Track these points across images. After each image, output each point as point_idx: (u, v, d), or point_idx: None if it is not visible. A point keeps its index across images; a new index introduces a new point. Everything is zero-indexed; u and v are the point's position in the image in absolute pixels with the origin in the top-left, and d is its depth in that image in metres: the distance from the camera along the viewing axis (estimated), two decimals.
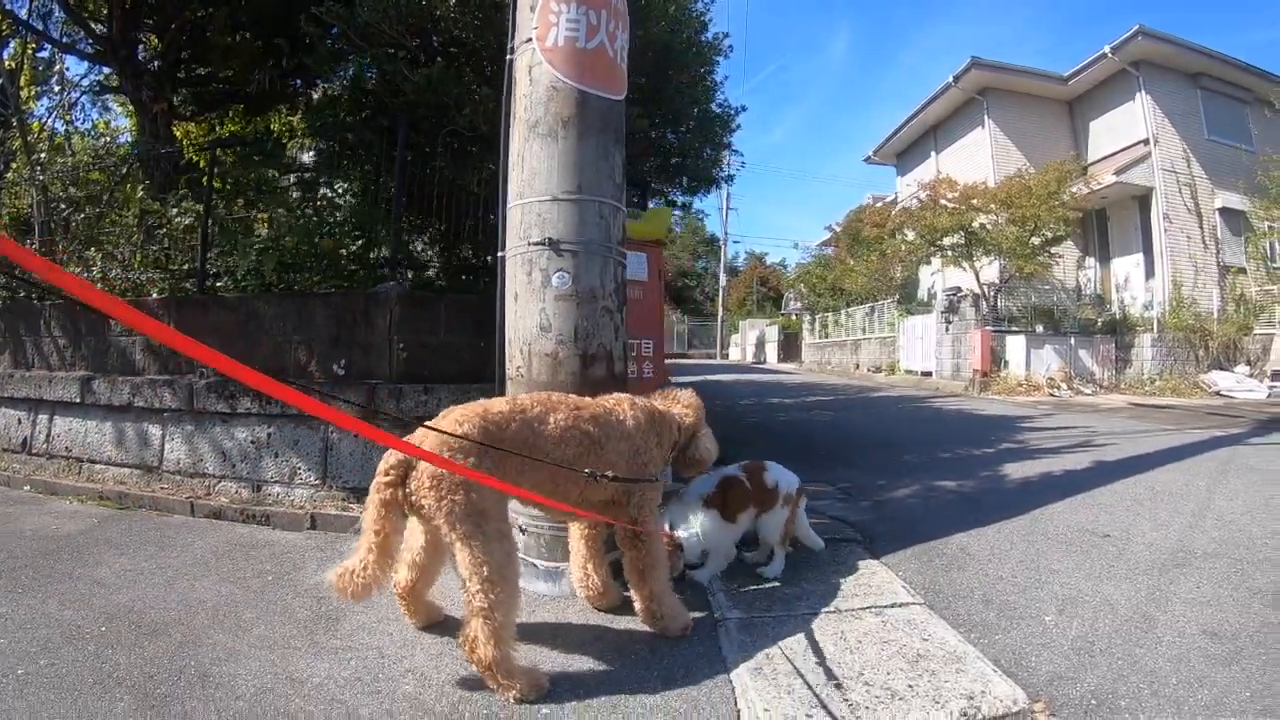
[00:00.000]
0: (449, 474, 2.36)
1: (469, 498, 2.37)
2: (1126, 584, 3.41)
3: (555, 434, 2.63)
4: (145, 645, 2.81)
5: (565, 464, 2.62)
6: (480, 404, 2.59)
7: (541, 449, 2.58)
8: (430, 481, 2.38)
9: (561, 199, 3.25)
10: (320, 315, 5.45)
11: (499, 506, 2.49)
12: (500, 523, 2.48)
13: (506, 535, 2.49)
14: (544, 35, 3.29)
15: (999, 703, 2.33)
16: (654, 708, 2.38)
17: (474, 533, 2.37)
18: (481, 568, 2.36)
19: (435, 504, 2.37)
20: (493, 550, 2.39)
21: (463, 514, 2.37)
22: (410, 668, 2.65)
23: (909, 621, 2.97)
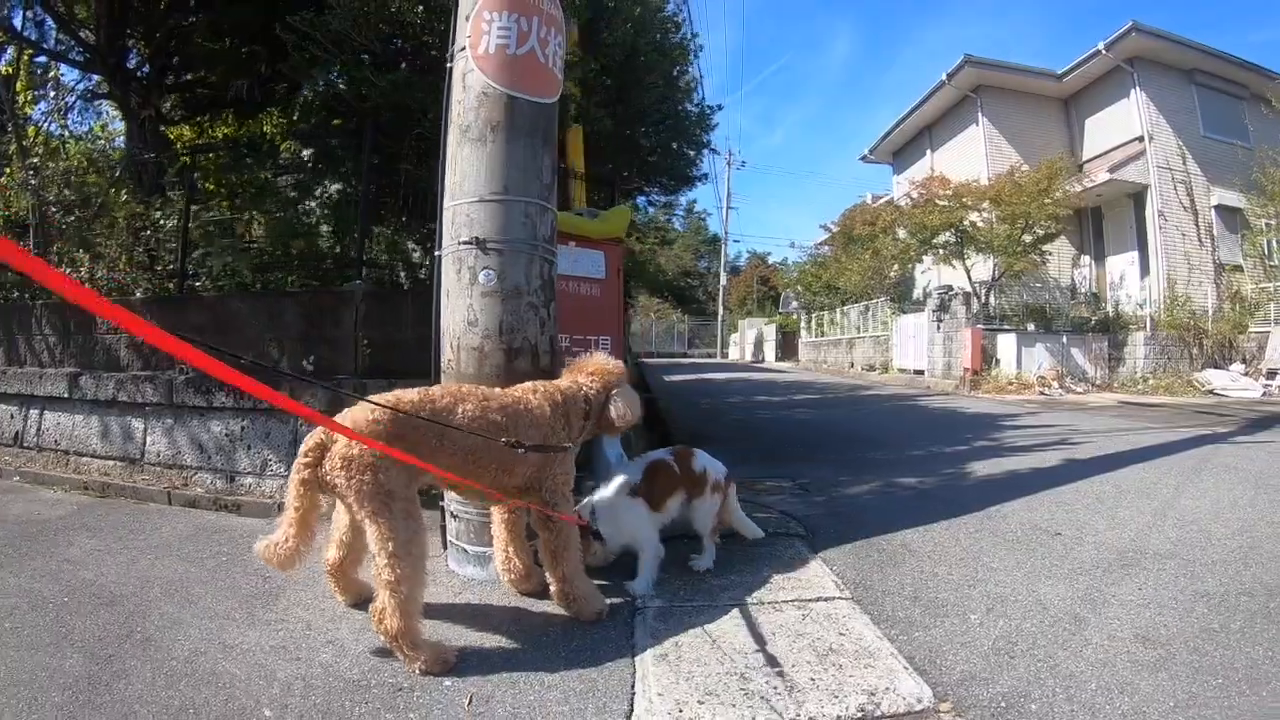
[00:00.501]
0: (358, 455, 2.45)
1: (376, 478, 2.47)
2: (1064, 584, 3.35)
3: (464, 423, 2.71)
4: (100, 613, 3.03)
5: (474, 453, 2.71)
6: (394, 394, 2.68)
7: (451, 437, 2.66)
8: (341, 462, 2.47)
9: (488, 200, 3.32)
10: (291, 313, 5.54)
11: (407, 488, 2.57)
12: (407, 503, 2.55)
13: (413, 515, 2.57)
14: (476, 43, 3.35)
15: (901, 700, 2.32)
16: (550, 686, 2.42)
17: (381, 510, 2.47)
18: (387, 543, 2.45)
19: (345, 483, 2.47)
20: (398, 527, 2.48)
21: (370, 493, 2.46)
22: (332, 639, 2.79)
23: (830, 616, 2.97)
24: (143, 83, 7.95)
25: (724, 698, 2.32)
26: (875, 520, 4.45)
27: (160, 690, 2.39)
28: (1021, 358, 15.69)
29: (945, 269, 19.91)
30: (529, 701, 2.33)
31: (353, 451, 2.46)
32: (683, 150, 8.02)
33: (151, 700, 2.33)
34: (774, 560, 3.64)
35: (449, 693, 2.38)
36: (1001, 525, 4.34)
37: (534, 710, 2.29)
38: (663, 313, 49.74)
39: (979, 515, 4.56)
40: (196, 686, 2.42)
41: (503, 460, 2.78)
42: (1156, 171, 18.33)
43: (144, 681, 2.45)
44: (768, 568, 3.52)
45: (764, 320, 39.98)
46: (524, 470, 2.87)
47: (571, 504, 3.05)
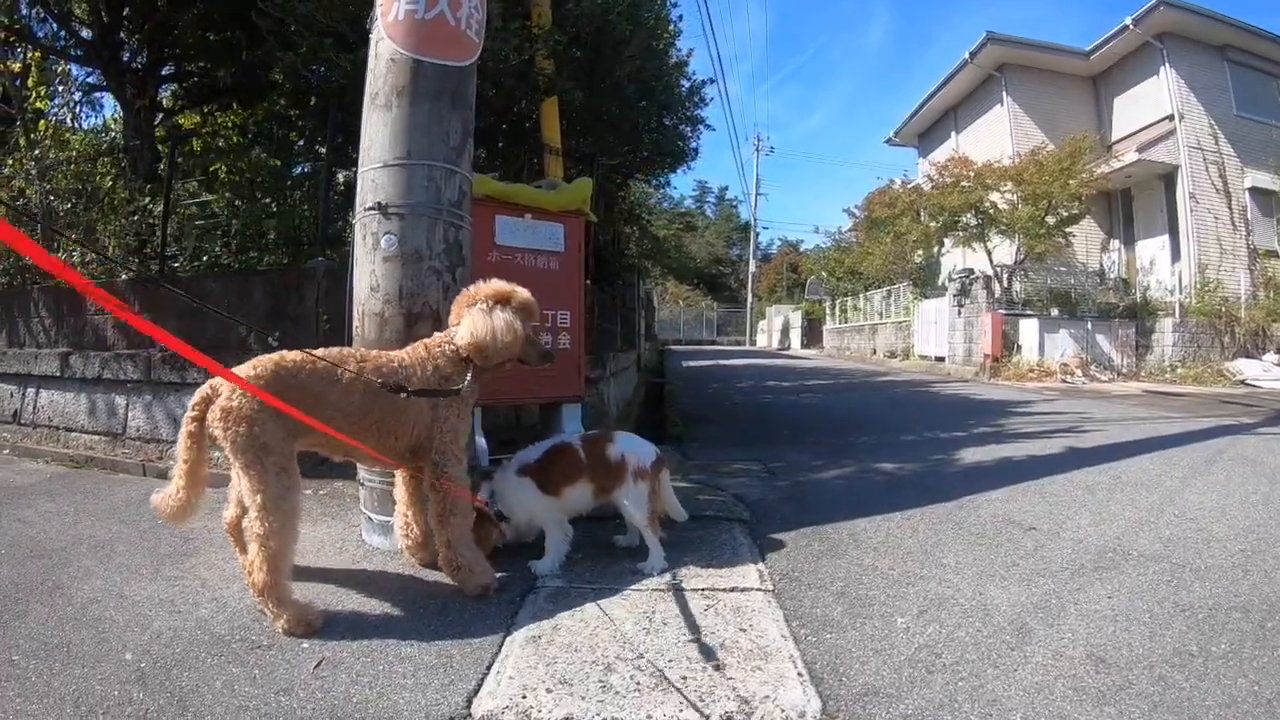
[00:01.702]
0: (236, 408, 2.45)
1: (251, 430, 2.45)
2: (1020, 586, 2.92)
3: (344, 383, 2.66)
4: (27, 565, 3.18)
5: (353, 413, 2.66)
6: (279, 354, 2.64)
7: (329, 397, 2.62)
8: (220, 413, 2.47)
9: (391, 165, 3.22)
10: (259, 291, 5.53)
11: (283, 444, 2.54)
12: (282, 458, 2.52)
13: (287, 471, 2.54)
14: (387, 11, 3.25)
15: (779, 712, 2.01)
16: (406, 658, 2.32)
17: (253, 463, 2.46)
18: (257, 496, 2.45)
19: (222, 434, 2.47)
20: (269, 481, 2.46)
21: (244, 444, 2.45)
22: (217, 596, 2.82)
23: (738, 609, 2.69)
24: (138, 74, 7.99)
25: (576, 689, 2.10)
26: (833, 507, 4.15)
27: (49, 630, 2.49)
28: (1044, 344, 15.11)
29: (968, 252, 19.31)
30: (376, 671, 2.23)
31: (231, 404, 2.46)
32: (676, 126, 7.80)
33: (35, 638, 2.43)
34: (704, 545, 3.38)
35: (303, 654, 2.33)
36: (971, 516, 3.96)
37: (378, 680, 2.19)
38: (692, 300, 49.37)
39: (950, 505, 4.19)
40: (78, 629, 2.50)
41: (383, 421, 2.73)
42: (1187, 152, 17.47)
43: (38, 622, 2.56)
44: (693, 553, 3.25)
45: (791, 307, 39.52)
46: (408, 430, 2.79)
47: (464, 464, 2.91)
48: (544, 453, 3.17)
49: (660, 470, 3.17)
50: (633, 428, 6.47)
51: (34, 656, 2.29)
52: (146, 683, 2.14)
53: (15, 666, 2.23)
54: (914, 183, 21.27)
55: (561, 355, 4.38)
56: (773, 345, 38.93)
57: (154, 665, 2.25)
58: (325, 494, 4.34)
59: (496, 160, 6.47)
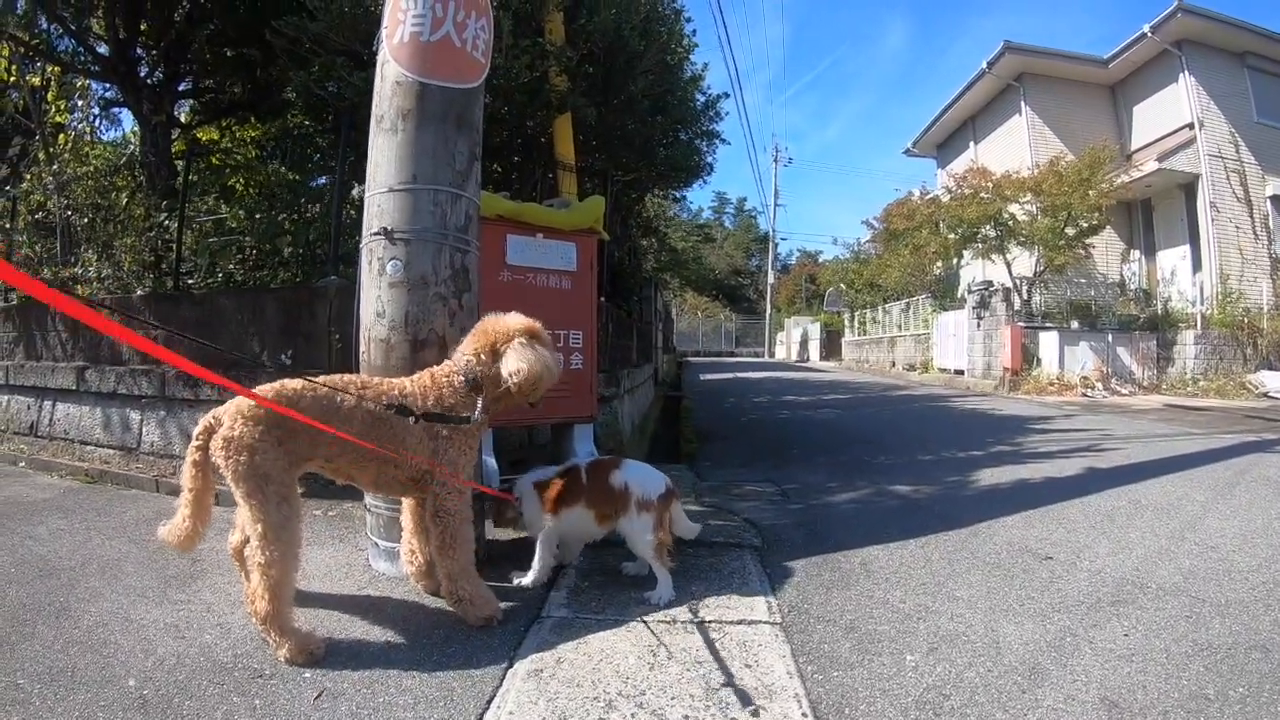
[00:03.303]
0: (237, 437, 2.45)
1: (253, 459, 2.46)
2: (1034, 623, 2.82)
3: (345, 411, 2.66)
4: (36, 584, 3.22)
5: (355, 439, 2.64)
6: (279, 383, 2.65)
7: (332, 424, 2.60)
8: (222, 442, 2.47)
9: (397, 189, 3.22)
10: (272, 309, 5.54)
11: (284, 473, 2.55)
12: (283, 487, 2.53)
13: (288, 499, 2.54)
14: (393, 33, 3.25)
15: None
16: (406, 689, 2.31)
17: (254, 492, 2.46)
18: (258, 525, 2.46)
19: (224, 462, 2.47)
20: (270, 510, 2.46)
21: (245, 473, 2.45)
22: (221, 622, 2.83)
23: (745, 643, 2.64)
24: (154, 90, 8.08)
25: None
26: (846, 533, 4.08)
27: (54, 654, 2.52)
28: (1064, 357, 14.94)
29: (988, 265, 19.14)
30: (377, 703, 2.22)
31: (233, 433, 2.46)
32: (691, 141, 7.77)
33: (41, 661, 2.46)
34: (713, 574, 3.32)
35: (304, 685, 2.33)
36: (986, 545, 3.87)
37: (377, 713, 2.18)
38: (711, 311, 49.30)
39: (965, 532, 4.10)
40: (83, 654, 2.52)
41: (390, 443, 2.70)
42: (1207, 160, 17.24)
43: (44, 645, 2.59)
44: (701, 582, 3.21)
45: (810, 319, 39.39)
46: (407, 460, 2.75)
47: (465, 495, 2.86)
48: (556, 473, 3.21)
49: (669, 502, 3.10)
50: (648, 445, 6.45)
51: (39, 680, 2.31)
52: (149, 711, 2.14)
53: (20, 691, 2.25)
54: (932, 194, 21.08)
55: (574, 375, 4.36)
56: (791, 357, 38.83)
57: (156, 693, 2.25)
58: (334, 515, 4.33)
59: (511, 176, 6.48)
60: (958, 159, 24.30)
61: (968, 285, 18.61)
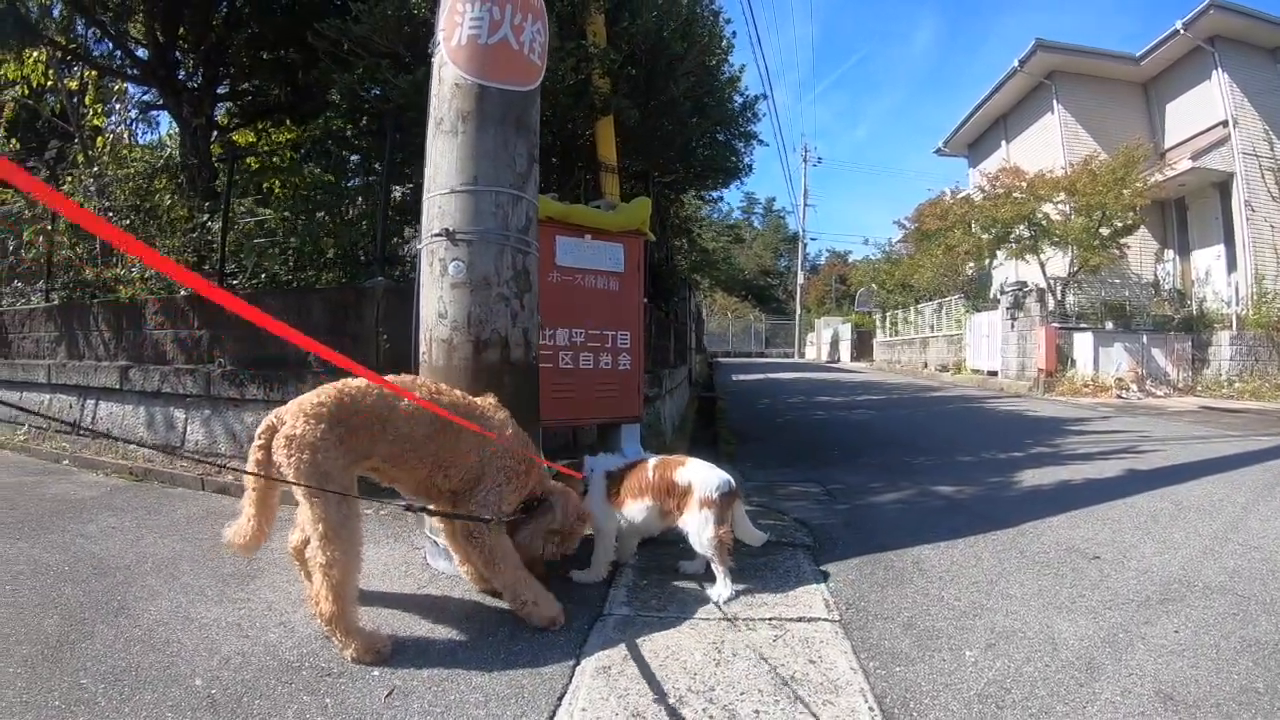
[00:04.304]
0: (299, 436, 2.48)
1: (314, 458, 2.48)
2: (1087, 619, 2.88)
3: (405, 411, 2.70)
4: (91, 582, 3.23)
5: (414, 444, 2.71)
6: (337, 384, 2.70)
7: (394, 424, 2.67)
8: (284, 440, 2.50)
9: (458, 191, 3.27)
10: (318, 309, 5.64)
11: (344, 472, 2.57)
12: (342, 486, 2.56)
13: (348, 501, 2.57)
14: (450, 36, 3.32)
15: None
16: (476, 687, 2.34)
17: (315, 491, 2.48)
18: (318, 524, 2.48)
19: (285, 461, 2.49)
20: (331, 510, 2.49)
21: (307, 472, 2.47)
22: (284, 620, 2.85)
23: (807, 640, 2.69)
24: (194, 93, 8.21)
25: None
26: (895, 532, 4.13)
27: (116, 653, 2.51)
28: (1099, 358, 14.88)
29: (1020, 265, 19.06)
30: (448, 701, 2.25)
31: (294, 432, 2.49)
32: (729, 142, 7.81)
33: (104, 660, 2.46)
34: (768, 572, 3.38)
35: (373, 683, 2.35)
36: (1034, 544, 3.92)
37: (450, 710, 2.20)
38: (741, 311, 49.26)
39: (1012, 531, 4.15)
40: (146, 653, 2.52)
41: (439, 456, 2.76)
42: (1242, 159, 17.09)
43: (105, 644, 2.58)
44: (758, 580, 3.26)
45: (841, 319, 39.37)
46: (460, 472, 2.82)
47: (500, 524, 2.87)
48: (623, 465, 3.31)
49: (731, 501, 3.15)
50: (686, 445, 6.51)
51: (103, 680, 2.31)
52: (218, 710, 2.16)
53: (84, 691, 2.25)
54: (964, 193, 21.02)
55: (621, 376, 4.45)
56: (822, 358, 38.72)
57: (224, 693, 2.26)
58: (385, 514, 4.39)
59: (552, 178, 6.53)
60: (989, 158, 24.22)
61: (1000, 286, 18.55)
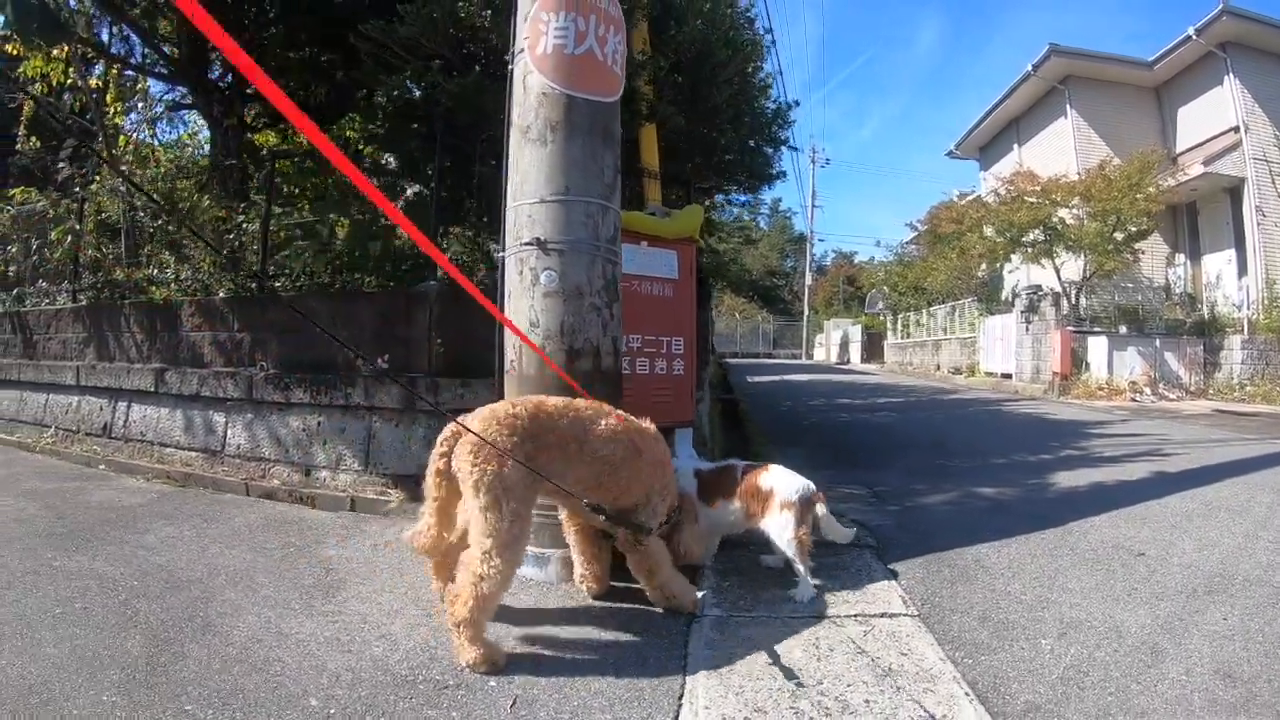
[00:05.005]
0: (488, 449, 2.51)
1: (500, 471, 2.51)
2: (1144, 609, 3.14)
3: (603, 434, 2.78)
4: (166, 598, 3.18)
5: (611, 464, 2.80)
6: (537, 398, 2.78)
7: (591, 446, 2.74)
8: (471, 448, 2.53)
9: (549, 200, 3.34)
10: (365, 312, 5.68)
11: (526, 490, 2.60)
12: (521, 505, 2.58)
13: (522, 517, 2.59)
14: (534, 44, 3.38)
15: None
16: (597, 692, 2.41)
17: (495, 505, 2.50)
18: (488, 539, 2.49)
19: (469, 469, 2.51)
20: (504, 527, 2.51)
21: (490, 483, 2.50)
22: (385, 633, 2.85)
23: (893, 634, 2.87)
24: (224, 93, 8.28)
25: (772, 716, 2.26)
26: (949, 533, 4.32)
27: (213, 675, 2.47)
28: (1113, 361, 15.13)
29: (1034, 268, 19.32)
30: (574, 707, 2.31)
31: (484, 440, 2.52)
32: (760, 148, 7.94)
33: (203, 683, 2.41)
34: (841, 572, 3.56)
35: (493, 693, 2.38)
36: (1081, 542, 4.14)
37: (577, 716, 2.27)
38: (748, 313, 49.44)
39: (1059, 531, 4.37)
40: (248, 673, 2.49)
41: (626, 480, 2.87)
42: (1253, 164, 17.39)
43: (199, 665, 2.54)
44: (834, 579, 3.44)
45: (850, 321, 39.73)
46: (642, 489, 2.95)
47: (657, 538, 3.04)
48: (714, 468, 3.54)
49: (811, 505, 3.34)
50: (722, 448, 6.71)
51: (208, 705, 2.27)
52: None
53: (190, 717, 2.21)
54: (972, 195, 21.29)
55: (675, 381, 4.57)
56: (831, 359, 39.08)
57: (343, 711, 2.26)
58: None
59: None
60: (1001, 161, 24.54)
61: (1012, 289, 18.82)
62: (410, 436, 5.19)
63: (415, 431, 5.18)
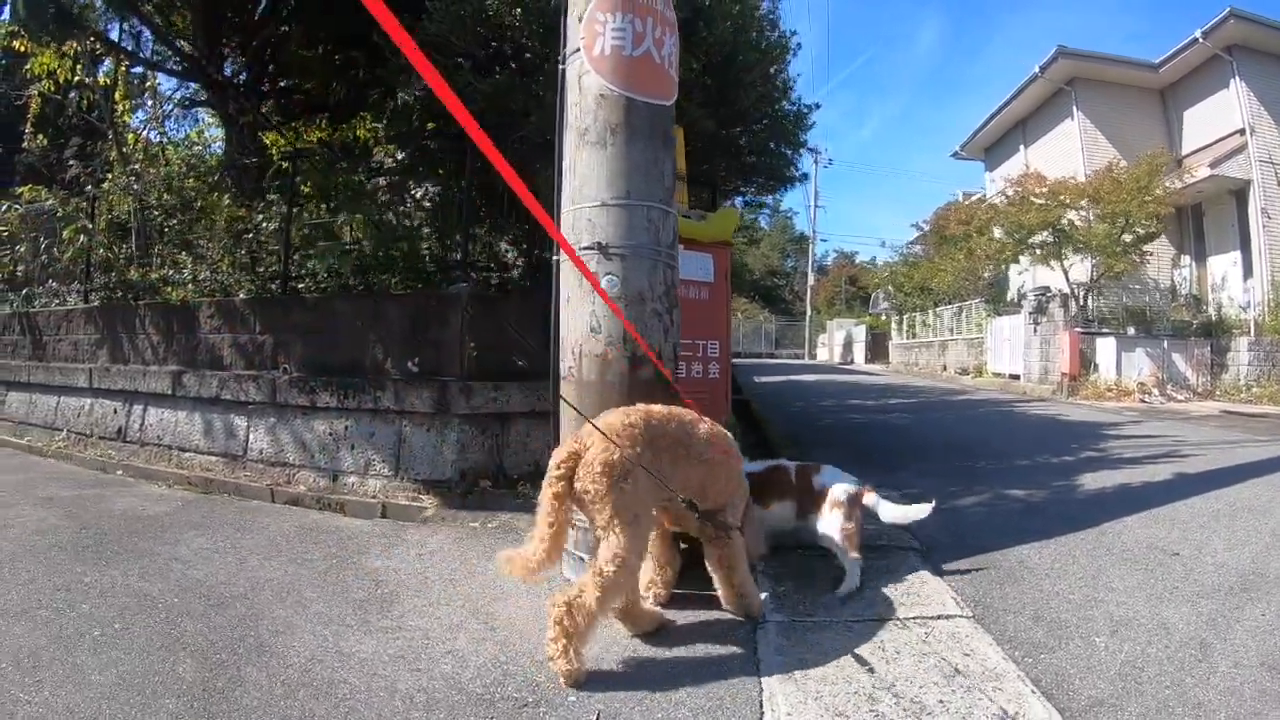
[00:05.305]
0: (619, 461, 2.52)
1: (636, 489, 2.56)
2: (1188, 607, 3.28)
3: (703, 438, 2.86)
4: (212, 616, 3.09)
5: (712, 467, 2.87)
6: (642, 407, 2.81)
7: (696, 450, 2.81)
8: (602, 467, 2.51)
9: (610, 204, 3.36)
10: (394, 315, 5.69)
11: (653, 500, 2.68)
12: (648, 515, 2.66)
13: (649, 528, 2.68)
14: (591, 45, 3.39)
15: None
16: (679, 703, 2.43)
17: (630, 523, 2.53)
18: (617, 556, 2.50)
19: (603, 488, 2.50)
20: (635, 545, 2.56)
21: (625, 502, 2.53)
22: (451, 649, 2.81)
23: (953, 635, 2.96)
24: (239, 90, 8.26)
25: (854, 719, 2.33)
26: (988, 534, 4.42)
27: (278, 700, 2.40)
28: (1121, 363, 15.28)
29: (1041, 270, 19.46)
30: (661, 718, 2.35)
31: (613, 456, 2.52)
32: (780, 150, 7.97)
33: (269, 710, 2.34)
34: (891, 575, 3.64)
35: (574, 708, 2.38)
36: (1117, 543, 4.26)
37: None
38: (750, 312, 49.62)
39: (1094, 532, 4.48)
40: (314, 697, 2.43)
41: (720, 482, 2.96)
42: (1259, 166, 17.56)
43: (260, 690, 2.47)
44: (885, 583, 3.52)
45: (853, 321, 40.09)
46: (730, 490, 3.05)
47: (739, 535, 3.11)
48: (765, 467, 3.64)
49: (858, 501, 3.52)
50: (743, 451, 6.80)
51: None
52: None
53: None
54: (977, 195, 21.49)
55: (710, 384, 4.63)
56: (834, 359, 39.29)
57: None
58: (495, 527, 4.48)
59: None
60: (1006, 162, 24.74)
61: (1018, 289, 19.01)
62: (443, 441, 5.22)
63: (448, 436, 5.21)
